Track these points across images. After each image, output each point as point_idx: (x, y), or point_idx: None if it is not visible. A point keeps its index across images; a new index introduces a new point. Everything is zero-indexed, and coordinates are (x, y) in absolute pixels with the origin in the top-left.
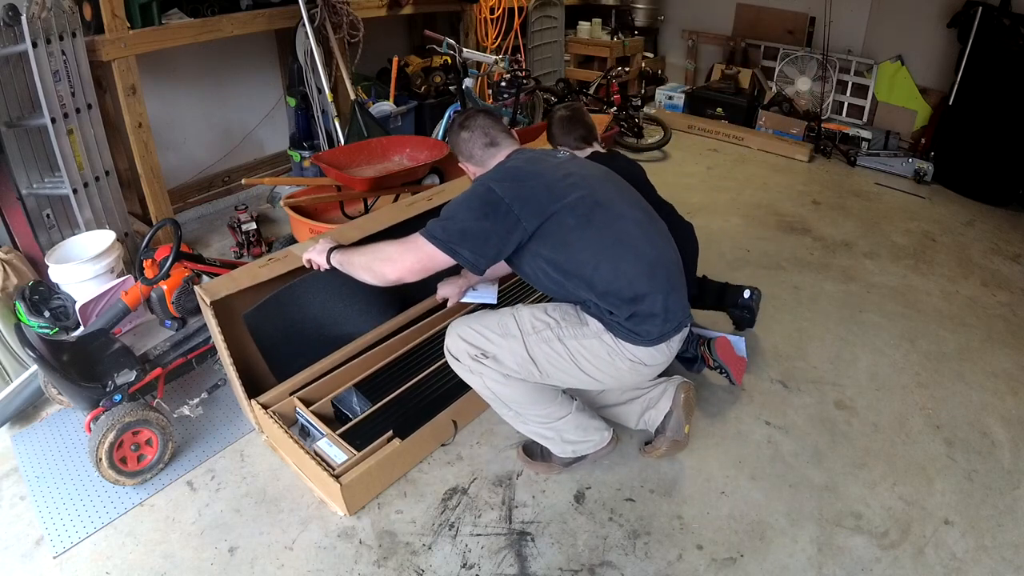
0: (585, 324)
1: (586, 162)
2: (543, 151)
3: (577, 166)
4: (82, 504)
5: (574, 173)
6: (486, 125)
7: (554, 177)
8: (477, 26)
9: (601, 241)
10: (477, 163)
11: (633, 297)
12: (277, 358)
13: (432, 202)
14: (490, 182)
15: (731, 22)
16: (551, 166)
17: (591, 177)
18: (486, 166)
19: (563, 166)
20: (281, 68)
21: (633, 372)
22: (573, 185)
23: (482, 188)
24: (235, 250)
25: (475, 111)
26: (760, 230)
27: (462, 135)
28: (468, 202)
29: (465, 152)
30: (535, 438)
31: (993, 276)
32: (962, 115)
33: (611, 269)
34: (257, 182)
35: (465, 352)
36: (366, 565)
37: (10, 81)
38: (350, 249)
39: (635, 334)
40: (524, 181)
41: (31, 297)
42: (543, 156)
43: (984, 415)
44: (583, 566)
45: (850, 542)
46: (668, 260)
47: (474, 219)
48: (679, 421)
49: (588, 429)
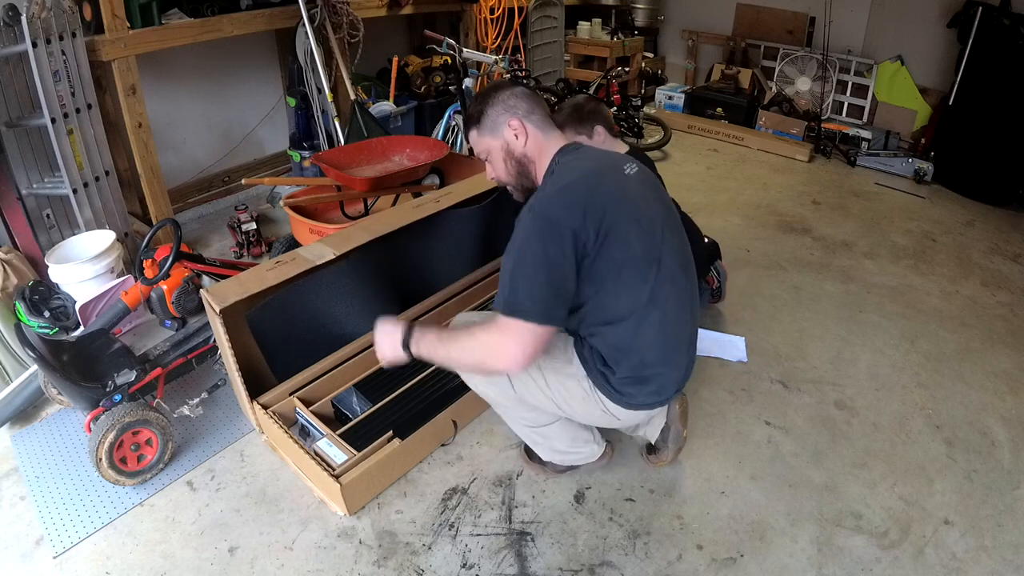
0: (569, 363)
1: (653, 187)
2: (607, 155)
3: (650, 192)
4: (82, 504)
5: (654, 214)
6: (528, 92)
7: (641, 212)
8: (477, 26)
9: (639, 298)
10: (536, 126)
11: (640, 363)
12: (278, 358)
13: (439, 204)
14: (563, 216)
15: (731, 22)
16: (633, 191)
17: (662, 220)
18: (547, 142)
19: (642, 194)
20: (281, 68)
21: (604, 419)
22: (649, 234)
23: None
24: (235, 250)
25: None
26: (760, 230)
27: (515, 92)
28: (540, 245)
29: (522, 110)
30: (526, 440)
31: (993, 276)
32: (962, 115)
33: (633, 330)
34: (257, 182)
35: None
36: (366, 565)
37: (10, 81)
38: (430, 338)
39: (618, 392)
40: (618, 218)
41: (31, 297)
42: (615, 166)
43: (984, 415)
44: (583, 566)
45: (850, 542)
46: (690, 336)
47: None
48: (678, 432)
49: (577, 440)
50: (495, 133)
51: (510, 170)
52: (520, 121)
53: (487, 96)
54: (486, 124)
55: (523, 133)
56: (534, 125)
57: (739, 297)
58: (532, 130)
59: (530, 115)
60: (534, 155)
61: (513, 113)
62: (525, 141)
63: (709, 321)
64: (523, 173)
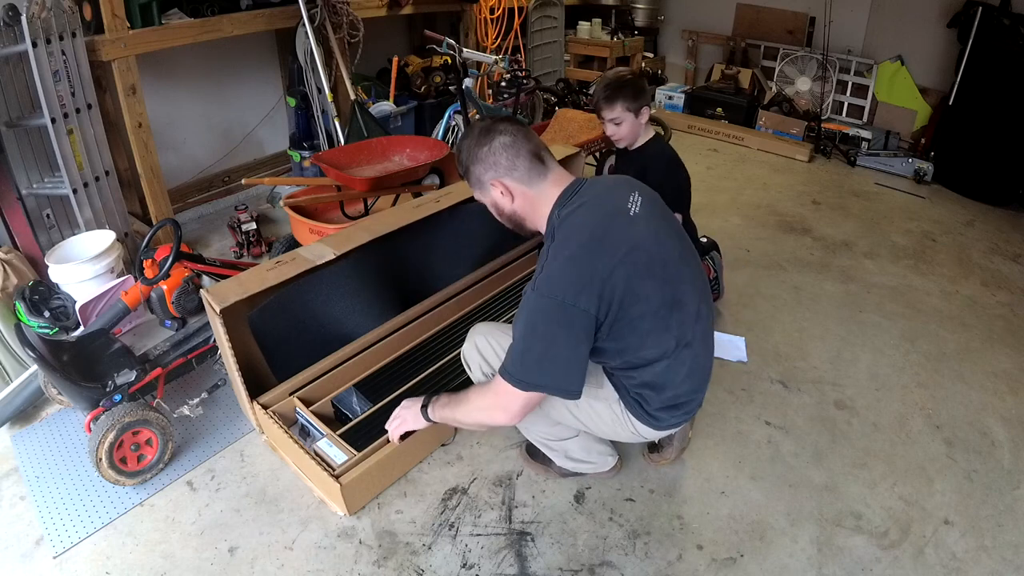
0: (600, 387)
1: (661, 216)
2: (610, 193)
3: (659, 224)
4: (82, 504)
5: (667, 253)
6: (520, 132)
7: (654, 259)
8: (477, 26)
9: (667, 344)
10: (520, 182)
11: (675, 395)
12: (279, 358)
13: (440, 204)
14: (569, 293)
15: (731, 22)
16: (641, 235)
17: (677, 255)
18: (538, 195)
19: (652, 233)
20: (281, 68)
21: (632, 438)
22: (664, 279)
23: (557, 304)
24: (235, 250)
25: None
26: (760, 230)
27: (494, 146)
28: (551, 323)
29: (502, 167)
30: (541, 449)
31: (993, 276)
32: (962, 115)
33: (666, 369)
34: (257, 182)
35: (478, 365)
36: (366, 565)
37: (10, 81)
38: (444, 405)
39: (653, 418)
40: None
41: (31, 297)
42: (620, 211)
43: (984, 415)
44: (583, 566)
45: (850, 542)
46: (711, 358)
47: (565, 345)
48: (684, 430)
49: (592, 451)
50: (482, 191)
51: (503, 220)
52: (502, 183)
53: (469, 149)
54: (472, 181)
55: (508, 194)
56: (518, 181)
57: (739, 297)
58: (517, 188)
59: (512, 171)
60: (526, 212)
61: (494, 173)
62: (512, 200)
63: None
64: (517, 224)
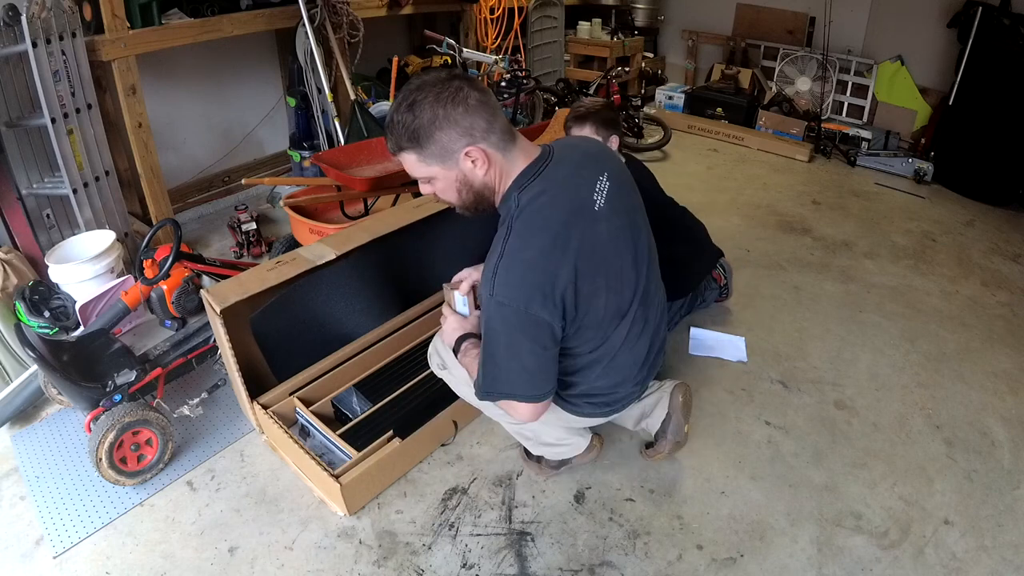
0: None
1: (625, 209)
2: (575, 176)
3: (621, 220)
4: (82, 504)
5: (623, 259)
6: (482, 86)
7: (611, 265)
8: (477, 26)
9: (595, 347)
10: (497, 148)
11: (587, 388)
12: (278, 358)
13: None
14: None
15: (731, 22)
16: (601, 237)
17: (631, 258)
18: (508, 165)
19: (611, 234)
20: (281, 68)
21: (557, 420)
22: (616, 290)
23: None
24: (235, 250)
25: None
26: (760, 230)
27: (469, 103)
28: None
29: (479, 129)
30: (516, 437)
31: (993, 276)
32: (962, 115)
33: (584, 366)
34: (257, 182)
35: (435, 361)
36: (366, 565)
37: (10, 81)
38: (471, 359)
39: (569, 404)
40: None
41: (31, 297)
42: (584, 204)
43: (984, 415)
44: (583, 566)
45: (850, 542)
46: (641, 357)
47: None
48: (679, 423)
49: (561, 434)
50: (447, 162)
51: (464, 199)
52: (480, 149)
53: (432, 108)
54: (431, 150)
55: (485, 162)
56: (496, 148)
57: (739, 297)
58: (494, 155)
59: (489, 134)
60: (496, 182)
61: (470, 138)
62: (487, 170)
63: (709, 321)
64: (481, 201)
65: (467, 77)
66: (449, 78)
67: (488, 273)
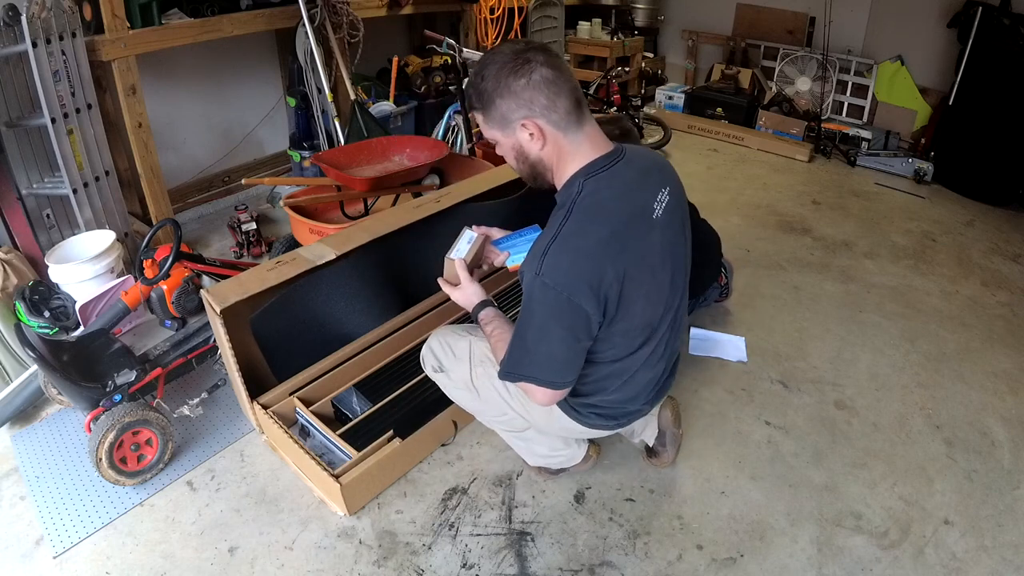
0: None
1: (680, 224)
2: (641, 181)
3: (673, 236)
4: (82, 504)
5: (666, 274)
6: (562, 67)
7: (656, 276)
8: (477, 26)
9: (616, 357)
10: (556, 127)
11: (599, 401)
12: (278, 358)
13: (440, 204)
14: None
15: (731, 22)
16: (653, 246)
17: (670, 276)
18: (570, 147)
19: (661, 245)
20: (281, 68)
21: (566, 431)
22: (653, 303)
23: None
24: (235, 250)
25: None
26: (760, 230)
27: (533, 79)
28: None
29: (540, 105)
30: (511, 445)
31: (993, 276)
32: (962, 115)
33: (601, 378)
34: (257, 182)
35: (429, 363)
36: (366, 565)
37: (10, 81)
38: (493, 329)
39: (576, 412)
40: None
41: (31, 297)
42: (644, 209)
43: (984, 415)
44: (583, 566)
45: (850, 542)
46: (660, 376)
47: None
48: (674, 434)
49: (556, 446)
50: (505, 129)
51: (522, 169)
52: (537, 123)
53: (496, 76)
54: (494, 115)
55: (541, 137)
56: (555, 126)
57: (739, 297)
58: (552, 132)
59: (550, 112)
60: (552, 162)
61: (529, 110)
62: (543, 145)
63: (709, 321)
64: (537, 175)
65: (545, 51)
66: (524, 50)
67: (537, 252)
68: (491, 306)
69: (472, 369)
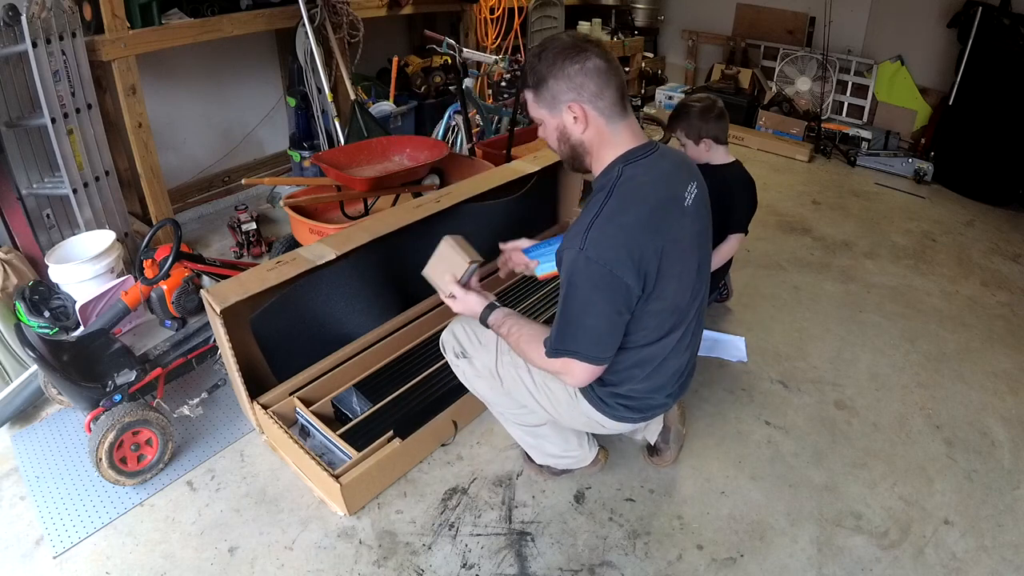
0: None
1: (706, 216)
2: (675, 172)
3: (700, 226)
4: (82, 504)
5: (695, 260)
6: (614, 61)
7: (687, 261)
8: (477, 26)
9: (647, 342)
10: (601, 114)
11: (629, 390)
12: (279, 358)
13: (440, 204)
14: (613, 263)
15: (731, 22)
16: (685, 233)
17: (696, 264)
18: (611, 134)
19: (693, 234)
20: (281, 68)
21: (589, 425)
22: (684, 287)
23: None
24: (235, 250)
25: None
26: (760, 230)
27: (587, 67)
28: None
29: (588, 91)
30: (520, 443)
31: (993, 276)
32: (962, 115)
33: (630, 365)
34: (257, 182)
35: (451, 347)
36: (366, 565)
37: (10, 81)
38: (509, 326)
39: (604, 403)
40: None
41: (31, 297)
42: (676, 198)
43: (984, 415)
44: (583, 566)
45: (850, 542)
46: (686, 367)
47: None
48: (678, 431)
49: (570, 443)
50: (552, 109)
51: (562, 150)
52: (583, 107)
53: (552, 59)
54: (544, 95)
55: (584, 121)
56: (599, 112)
57: (739, 297)
58: (596, 119)
59: (597, 99)
60: (593, 146)
61: (577, 95)
62: (585, 129)
63: (709, 321)
64: (576, 157)
65: (600, 45)
66: (583, 41)
67: (579, 229)
68: (497, 308)
69: (499, 357)
